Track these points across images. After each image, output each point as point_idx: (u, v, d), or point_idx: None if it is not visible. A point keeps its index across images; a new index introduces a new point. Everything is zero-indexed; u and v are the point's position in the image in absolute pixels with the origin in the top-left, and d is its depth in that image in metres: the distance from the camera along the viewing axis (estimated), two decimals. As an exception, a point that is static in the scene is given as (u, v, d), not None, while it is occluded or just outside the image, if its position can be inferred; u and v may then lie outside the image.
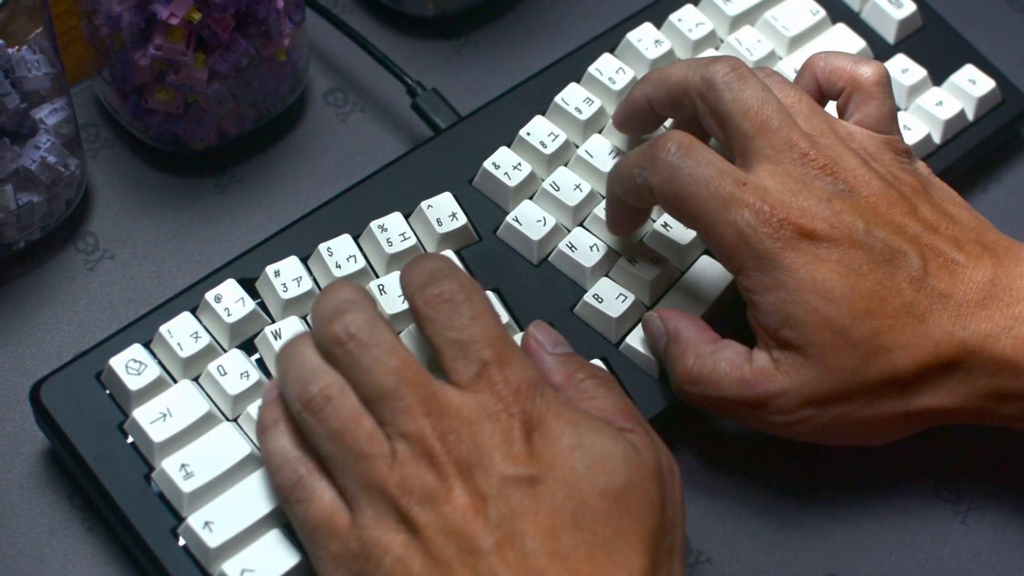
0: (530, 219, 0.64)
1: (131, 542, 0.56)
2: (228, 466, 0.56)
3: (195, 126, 0.68)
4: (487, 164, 0.66)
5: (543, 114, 0.68)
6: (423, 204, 0.64)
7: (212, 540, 0.55)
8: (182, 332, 0.59)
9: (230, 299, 0.60)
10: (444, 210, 0.64)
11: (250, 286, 0.62)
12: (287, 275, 0.61)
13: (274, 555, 0.55)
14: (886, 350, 0.57)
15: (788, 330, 0.57)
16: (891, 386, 0.57)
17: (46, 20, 0.63)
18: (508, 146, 0.67)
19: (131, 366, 0.58)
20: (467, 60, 0.76)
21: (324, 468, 0.53)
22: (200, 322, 0.60)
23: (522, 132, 0.67)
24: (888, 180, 0.59)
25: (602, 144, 0.67)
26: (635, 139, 0.67)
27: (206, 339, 0.59)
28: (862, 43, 0.73)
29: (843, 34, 0.73)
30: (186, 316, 0.60)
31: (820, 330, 0.57)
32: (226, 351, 0.60)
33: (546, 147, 0.66)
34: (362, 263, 0.62)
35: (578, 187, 0.65)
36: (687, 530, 0.61)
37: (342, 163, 0.71)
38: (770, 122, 0.59)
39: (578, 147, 0.67)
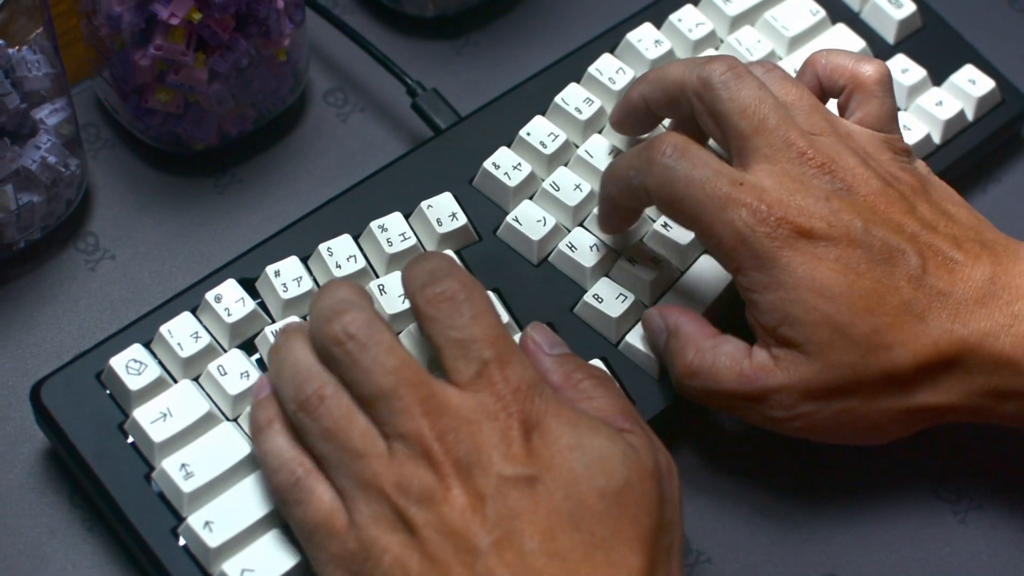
0: (530, 219, 0.64)
1: (131, 542, 0.56)
2: (228, 466, 0.56)
3: (195, 126, 0.68)
4: (487, 164, 0.66)
5: (543, 114, 0.68)
6: (423, 204, 0.64)
7: (212, 540, 0.55)
8: (182, 332, 0.59)
9: (230, 299, 0.60)
10: (444, 210, 0.64)
11: (250, 286, 0.62)
12: (287, 275, 0.61)
13: (274, 555, 0.55)
14: (886, 347, 0.57)
15: (787, 328, 0.57)
16: (891, 382, 0.57)
17: (46, 20, 0.63)
18: (508, 146, 0.67)
19: (131, 366, 0.58)
20: (467, 60, 0.76)
21: (321, 468, 0.53)
22: (200, 322, 0.60)
23: (522, 132, 0.67)
24: (887, 179, 0.59)
25: (602, 144, 0.67)
26: (633, 139, 0.67)
27: (206, 339, 0.59)
28: (862, 43, 0.73)
29: (843, 34, 0.73)
30: (186, 316, 0.60)
31: (819, 327, 0.57)
32: (226, 351, 0.60)
33: (546, 147, 0.66)
34: (362, 263, 0.62)
35: (578, 187, 0.65)
36: (687, 530, 0.61)
37: (342, 163, 0.71)
38: (767, 121, 0.59)
39: (578, 147, 0.67)
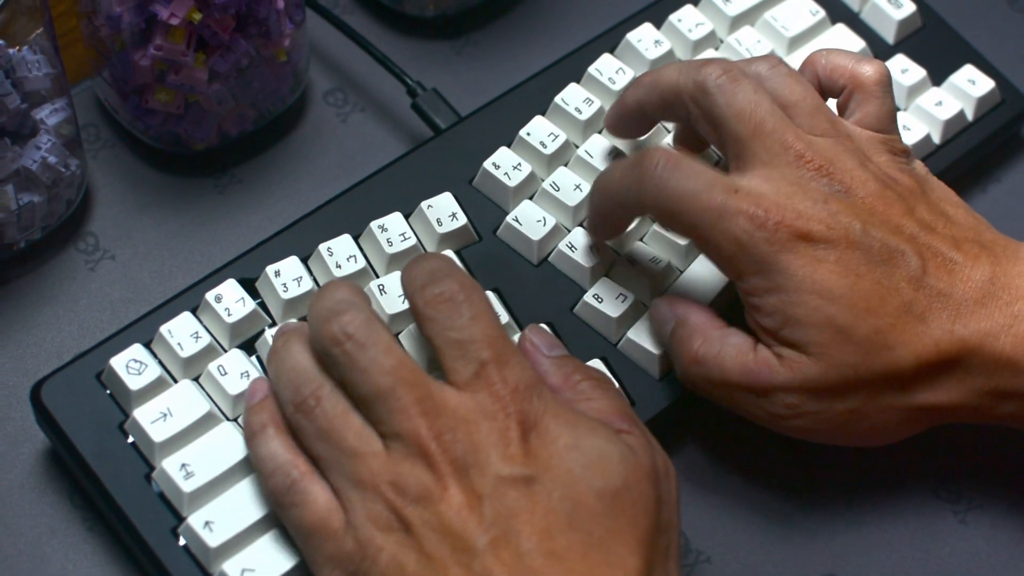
0: (530, 219, 0.64)
1: (131, 542, 0.56)
2: (228, 466, 0.56)
3: (195, 126, 0.68)
4: (487, 164, 0.66)
5: (543, 114, 0.68)
6: (423, 204, 0.64)
7: (212, 540, 0.55)
8: (182, 332, 0.59)
9: (230, 299, 0.60)
10: (444, 210, 0.64)
11: (250, 286, 0.62)
12: (287, 275, 0.61)
13: (274, 555, 0.55)
14: (887, 348, 0.57)
15: (789, 331, 0.57)
16: (892, 382, 0.57)
17: (46, 20, 0.63)
18: (508, 146, 0.67)
19: (131, 366, 0.58)
20: (467, 60, 0.76)
21: (318, 470, 0.53)
22: (200, 322, 0.60)
23: (522, 132, 0.67)
24: (885, 181, 0.59)
25: (602, 144, 0.67)
26: (632, 141, 0.67)
27: (206, 339, 0.60)
28: (862, 43, 0.73)
29: (843, 34, 0.73)
30: (186, 316, 0.60)
31: (822, 329, 0.57)
32: (226, 351, 0.60)
33: (546, 147, 0.66)
34: (362, 263, 0.62)
35: (578, 187, 0.65)
36: (687, 530, 0.61)
37: (342, 163, 0.71)
38: (764, 125, 0.59)
39: (578, 147, 0.67)
